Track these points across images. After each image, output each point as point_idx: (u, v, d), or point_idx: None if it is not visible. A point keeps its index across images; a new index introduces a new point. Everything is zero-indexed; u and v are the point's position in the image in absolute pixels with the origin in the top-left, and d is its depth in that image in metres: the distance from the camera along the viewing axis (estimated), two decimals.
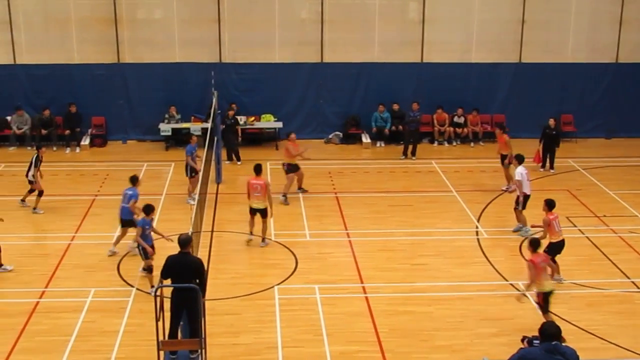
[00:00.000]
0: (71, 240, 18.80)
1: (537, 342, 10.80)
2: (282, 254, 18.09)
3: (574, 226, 19.77)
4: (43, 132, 26.39)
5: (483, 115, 27.86)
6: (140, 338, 14.18)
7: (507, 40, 27.75)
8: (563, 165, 24.83)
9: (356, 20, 27.38)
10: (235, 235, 19.27)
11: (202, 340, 12.24)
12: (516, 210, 19.21)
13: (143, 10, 27.40)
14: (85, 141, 26.80)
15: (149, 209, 16.18)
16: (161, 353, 12.21)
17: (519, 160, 19.66)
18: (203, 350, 12.31)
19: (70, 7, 26.60)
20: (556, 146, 24.49)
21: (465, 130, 27.67)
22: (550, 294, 14.16)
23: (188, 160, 20.95)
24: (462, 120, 27.65)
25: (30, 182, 20.51)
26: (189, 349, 12.86)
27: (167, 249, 16.13)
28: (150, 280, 15.97)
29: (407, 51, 27.64)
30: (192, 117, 26.94)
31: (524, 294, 14.83)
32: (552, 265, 15.46)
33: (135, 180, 18.10)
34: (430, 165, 25.13)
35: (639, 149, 27.03)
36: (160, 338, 12.09)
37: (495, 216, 20.74)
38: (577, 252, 18.10)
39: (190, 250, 13.08)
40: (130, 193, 17.76)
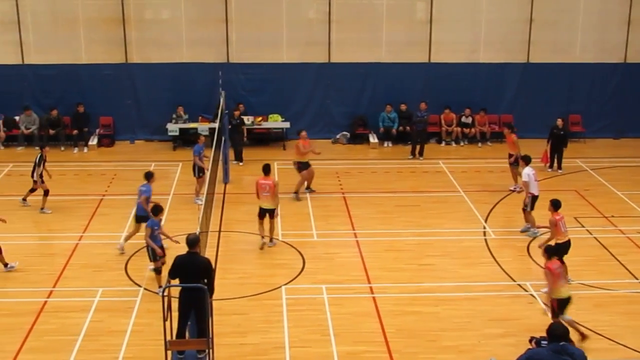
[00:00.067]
0: (79, 240, 18.83)
1: (545, 342, 10.79)
2: (289, 254, 18.09)
3: (582, 226, 19.73)
4: (51, 132, 26.47)
5: (491, 115, 27.82)
6: (147, 338, 14.19)
7: (514, 40, 27.70)
8: (571, 165, 24.77)
9: (364, 20, 27.38)
10: (243, 235, 19.29)
11: (210, 340, 12.25)
12: (525, 211, 19.17)
13: (151, 10, 27.45)
14: (93, 141, 26.85)
15: (157, 210, 16.18)
16: (169, 353, 12.23)
17: (526, 161, 19.61)
18: (210, 350, 12.32)
19: (78, 7, 26.66)
20: (564, 146, 24.43)
21: (472, 130, 27.63)
22: (569, 301, 13.96)
23: (195, 160, 20.97)
24: (469, 120, 27.61)
25: (34, 181, 20.58)
26: (196, 349, 12.87)
27: (177, 249, 16.19)
28: (158, 281, 15.98)
29: (414, 51, 27.61)
30: (200, 117, 26.96)
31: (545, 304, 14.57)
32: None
33: (148, 176, 18.15)
34: (437, 165, 25.10)
35: None
36: (168, 338, 12.11)
37: (502, 216, 20.70)
38: (585, 253, 18.05)
39: (198, 250, 13.09)
40: (143, 189, 17.82)
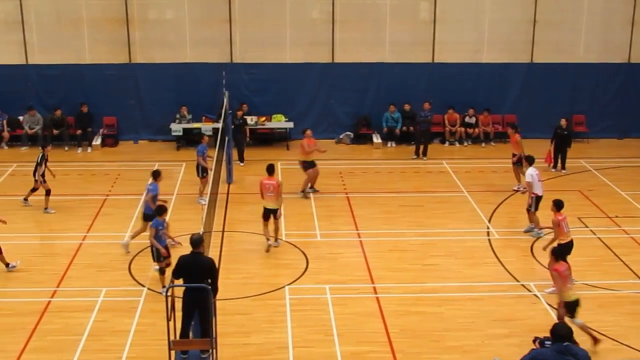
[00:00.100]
0: (82, 240, 18.84)
1: (549, 343, 10.79)
2: (293, 254, 18.09)
3: (586, 227, 19.71)
4: (55, 132, 26.50)
5: (494, 115, 27.79)
6: (151, 338, 14.20)
7: (518, 40, 27.67)
8: (575, 165, 24.74)
9: (367, 20, 27.37)
10: (246, 235, 19.29)
11: (213, 340, 12.25)
12: (529, 211, 19.15)
13: (154, 10, 27.47)
14: (97, 141, 26.87)
15: (162, 210, 16.17)
16: (172, 353, 12.23)
17: (529, 161, 19.58)
18: (214, 350, 12.32)
19: (82, 7, 26.69)
20: (568, 146, 24.40)
21: (476, 130, 27.61)
22: (577, 304, 13.87)
23: (199, 160, 20.97)
24: (473, 120, 27.60)
25: (36, 181, 20.60)
26: (200, 349, 12.87)
27: (182, 249, 16.23)
28: (161, 281, 15.97)
29: (418, 51, 27.60)
30: (203, 117, 26.97)
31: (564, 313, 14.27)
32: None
33: (156, 175, 18.18)
34: (441, 165, 25.08)
35: None
36: (172, 338, 12.11)
37: (506, 217, 20.69)
38: (589, 253, 18.03)
39: (202, 250, 13.09)
40: (150, 187, 17.86)
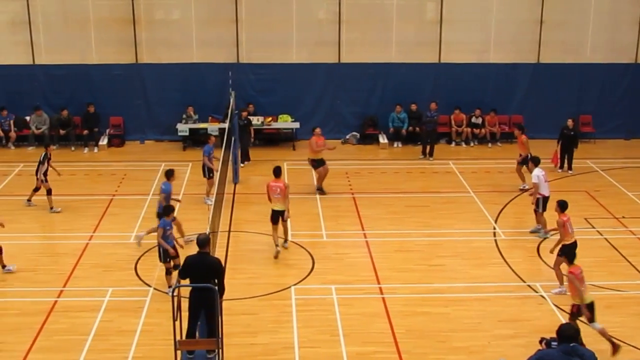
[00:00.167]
0: (89, 240, 18.88)
1: (555, 343, 10.77)
2: (299, 254, 18.09)
3: (592, 227, 19.67)
4: (61, 132, 26.56)
5: (501, 115, 27.75)
6: (157, 337, 14.22)
7: (525, 40, 27.63)
8: (581, 166, 24.69)
9: (374, 20, 27.36)
10: (253, 235, 19.30)
11: (220, 340, 12.26)
12: (536, 212, 19.11)
13: (161, 10, 27.51)
14: (103, 141, 26.91)
15: (169, 210, 16.16)
16: (178, 352, 12.25)
17: (535, 162, 19.55)
18: (220, 350, 12.34)
19: (89, 7, 26.72)
20: (574, 147, 24.34)
21: (482, 130, 27.57)
22: (593, 306, 13.77)
23: (205, 160, 20.98)
24: (479, 120, 27.56)
25: (38, 180, 20.64)
26: (206, 349, 12.89)
27: (187, 249, 16.22)
28: (168, 281, 15.98)
29: (424, 51, 27.58)
30: (210, 118, 26.99)
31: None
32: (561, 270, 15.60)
33: (169, 174, 18.20)
34: (447, 165, 25.06)
35: None
36: (178, 338, 12.13)
37: (512, 217, 20.67)
38: (596, 254, 18.00)
39: (208, 250, 13.10)
40: (163, 187, 17.91)
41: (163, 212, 16.21)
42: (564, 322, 13.69)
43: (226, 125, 22.56)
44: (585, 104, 27.94)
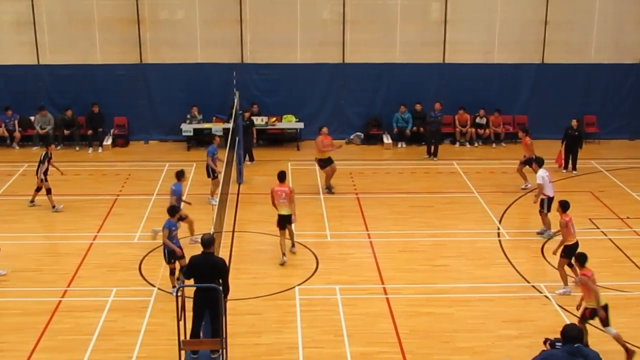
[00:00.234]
0: (93, 240, 18.89)
1: (560, 344, 10.76)
2: (303, 255, 18.09)
3: (597, 228, 19.65)
4: (65, 132, 26.59)
5: (505, 116, 27.70)
6: (161, 337, 14.23)
7: (529, 40, 27.59)
8: (586, 166, 24.66)
9: (378, 20, 27.34)
10: (257, 235, 19.30)
11: (224, 340, 12.26)
12: (541, 213, 19.08)
13: (165, 11, 27.52)
14: (108, 141, 26.94)
15: (174, 211, 16.14)
16: (182, 352, 12.25)
17: (539, 163, 19.52)
18: (224, 350, 12.33)
19: (93, 7, 26.75)
20: (579, 147, 24.30)
21: (487, 131, 27.54)
22: (607, 308, 13.71)
23: (208, 161, 20.98)
24: (484, 121, 27.53)
25: (39, 179, 20.67)
26: (210, 349, 12.87)
27: (192, 249, 16.21)
28: (172, 281, 15.99)
29: (429, 52, 27.55)
30: (214, 118, 27.00)
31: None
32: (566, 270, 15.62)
33: (179, 175, 18.20)
34: (451, 166, 25.04)
35: None
36: (182, 338, 12.13)
37: (517, 217, 20.65)
38: (600, 254, 17.95)
39: (213, 250, 13.09)
40: (173, 188, 17.92)
41: (168, 212, 16.13)
42: (568, 322, 13.66)
43: (230, 125, 22.56)
44: (590, 105, 27.90)
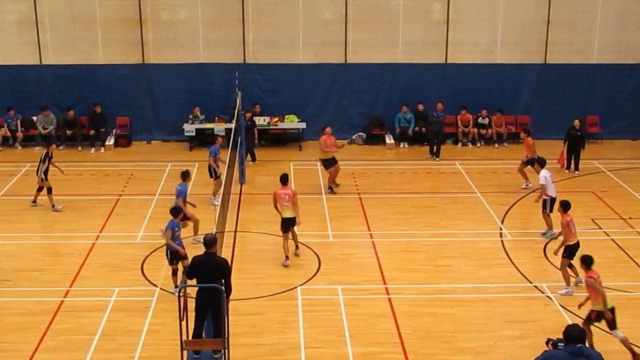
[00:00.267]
0: (95, 240, 18.90)
1: (562, 344, 10.75)
2: (305, 255, 18.07)
3: (599, 228, 19.63)
4: (68, 132, 26.61)
5: (507, 116, 27.69)
6: (163, 337, 14.23)
7: (532, 40, 27.57)
8: (588, 166, 24.63)
9: (380, 20, 27.34)
10: (259, 235, 19.30)
11: (226, 340, 12.26)
12: (544, 213, 19.06)
13: (168, 11, 27.53)
14: (110, 141, 26.95)
15: (177, 212, 16.12)
16: (185, 352, 12.25)
17: (541, 164, 19.50)
18: (226, 350, 12.34)
19: (96, 7, 26.77)
20: (581, 147, 24.28)
21: (489, 131, 27.53)
22: (614, 310, 13.65)
23: (210, 161, 20.98)
24: (486, 121, 27.51)
25: (40, 179, 20.69)
26: (212, 349, 12.88)
27: (196, 249, 16.22)
28: (174, 281, 15.99)
29: (431, 52, 27.54)
30: (216, 118, 27.00)
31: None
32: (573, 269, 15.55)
33: (184, 175, 18.20)
34: (454, 166, 25.03)
35: None
36: (184, 338, 12.13)
37: (519, 218, 20.63)
38: (603, 255, 17.90)
39: (215, 250, 13.10)
40: (179, 189, 17.93)
41: (171, 213, 16.07)
42: (570, 323, 13.66)
43: (232, 125, 22.57)
44: (592, 105, 27.87)
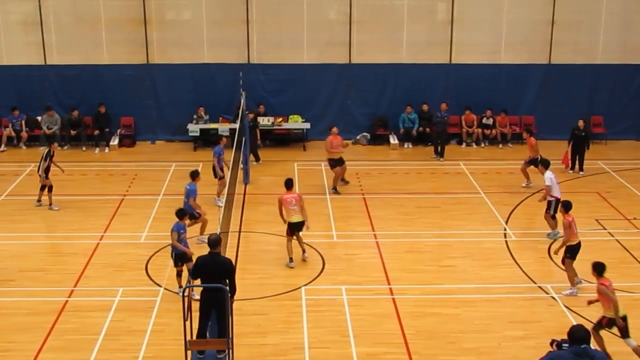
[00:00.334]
0: (100, 240, 18.92)
1: (566, 345, 10.74)
2: (309, 255, 18.04)
3: (604, 229, 19.61)
4: (72, 132, 26.64)
5: (512, 116, 27.67)
6: (167, 337, 14.24)
7: (536, 41, 27.55)
8: (593, 167, 24.60)
9: (384, 21, 27.33)
10: (263, 235, 19.30)
11: (230, 340, 12.27)
12: (547, 214, 19.03)
13: (172, 11, 27.56)
14: (114, 141, 26.97)
15: (182, 214, 16.07)
16: (189, 352, 12.26)
17: (545, 165, 19.46)
18: (230, 350, 12.34)
19: (100, 8, 26.79)
20: (586, 148, 24.24)
21: (493, 131, 27.51)
22: (626, 318, 13.55)
23: (214, 161, 20.98)
24: (490, 121, 27.49)
25: (40, 176, 20.69)
26: (216, 349, 12.89)
27: (200, 249, 16.22)
28: (178, 282, 15.98)
29: (435, 52, 27.53)
30: (220, 118, 27.01)
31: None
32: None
33: (194, 175, 18.20)
34: (458, 166, 25.01)
35: None
36: (188, 338, 12.14)
37: (523, 218, 20.61)
38: (607, 255, 17.83)
39: (219, 250, 13.10)
40: (188, 188, 17.94)
41: (177, 215, 15.95)
42: (575, 323, 13.63)
43: (237, 125, 22.57)
44: (597, 105, 27.84)
